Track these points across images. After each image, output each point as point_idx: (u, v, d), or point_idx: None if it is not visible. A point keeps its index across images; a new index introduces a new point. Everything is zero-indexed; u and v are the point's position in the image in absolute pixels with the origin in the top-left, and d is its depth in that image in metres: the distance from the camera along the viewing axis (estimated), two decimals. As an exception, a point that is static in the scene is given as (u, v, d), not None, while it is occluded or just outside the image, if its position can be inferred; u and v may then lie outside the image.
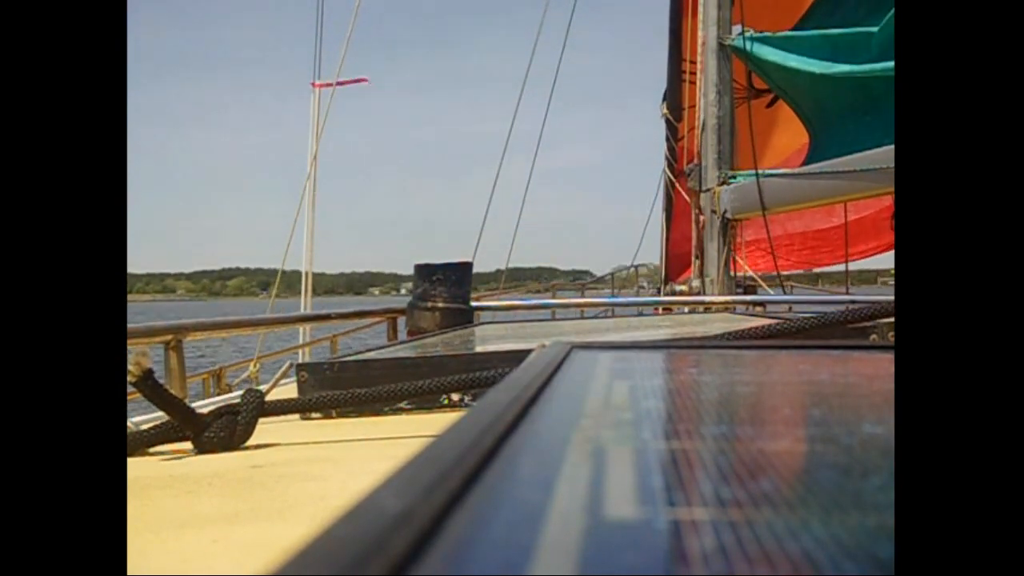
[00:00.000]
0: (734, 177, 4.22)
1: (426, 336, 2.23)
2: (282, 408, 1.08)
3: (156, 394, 0.97)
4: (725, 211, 4.36)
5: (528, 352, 0.70)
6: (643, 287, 7.89)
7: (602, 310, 3.81)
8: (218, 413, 1.01)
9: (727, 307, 3.22)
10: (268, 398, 1.06)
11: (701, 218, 4.73)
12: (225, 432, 0.99)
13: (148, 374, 0.95)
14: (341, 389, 1.20)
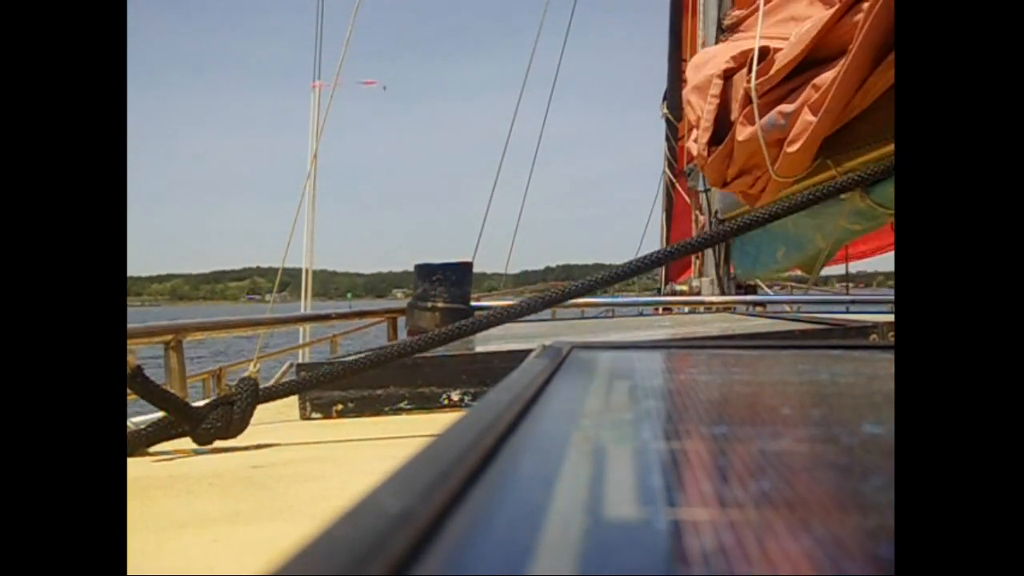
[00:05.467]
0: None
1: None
2: (276, 393, 1.08)
3: (148, 391, 0.97)
4: (716, 211, 4.36)
5: (528, 352, 0.70)
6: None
7: (602, 310, 3.80)
8: (214, 404, 1.01)
9: (727, 307, 3.21)
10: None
11: (700, 218, 4.73)
12: (222, 422, 0.99)
13: (137, 371, 0.95)
14: (341, 389, 1.20)
